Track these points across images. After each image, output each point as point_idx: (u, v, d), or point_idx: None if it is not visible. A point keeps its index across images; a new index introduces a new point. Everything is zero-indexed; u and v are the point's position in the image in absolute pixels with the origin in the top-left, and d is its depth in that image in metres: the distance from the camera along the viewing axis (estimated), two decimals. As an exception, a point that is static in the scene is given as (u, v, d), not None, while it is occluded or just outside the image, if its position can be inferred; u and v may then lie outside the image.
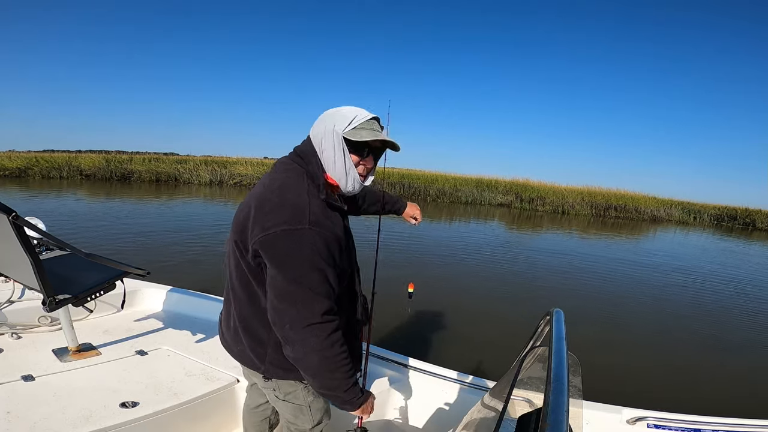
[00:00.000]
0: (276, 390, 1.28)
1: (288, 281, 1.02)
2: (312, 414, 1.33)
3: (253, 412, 1.55)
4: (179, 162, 21.83)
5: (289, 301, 1.02)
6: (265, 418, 1.55)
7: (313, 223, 1.02)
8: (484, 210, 19.53)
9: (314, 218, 1.03)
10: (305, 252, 1.01)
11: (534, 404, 0.86)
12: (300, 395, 1.28)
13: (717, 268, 10.11)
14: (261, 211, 1.06)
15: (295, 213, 1.02)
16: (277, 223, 1.02)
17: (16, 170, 18.11)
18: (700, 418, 1.60)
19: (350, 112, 1.11)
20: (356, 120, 1.09)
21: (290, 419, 1.35)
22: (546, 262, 8.88)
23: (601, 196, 22.21)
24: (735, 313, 6.42)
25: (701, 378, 4.08)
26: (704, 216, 24.17)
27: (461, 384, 1.93)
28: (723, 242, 16.71)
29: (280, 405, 1.33)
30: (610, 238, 13.88)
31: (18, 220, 1.50)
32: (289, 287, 1.02)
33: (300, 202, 1.05)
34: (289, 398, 1.29)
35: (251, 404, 1.55)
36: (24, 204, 10.81)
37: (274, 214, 1.03)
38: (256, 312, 1.17)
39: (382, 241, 1.79)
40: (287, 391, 1.27)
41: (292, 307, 1.02)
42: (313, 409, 1.32)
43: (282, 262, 1.02)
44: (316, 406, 1.33)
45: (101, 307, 2.27)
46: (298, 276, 1.01)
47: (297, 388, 1.27)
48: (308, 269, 1.01)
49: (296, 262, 1.01)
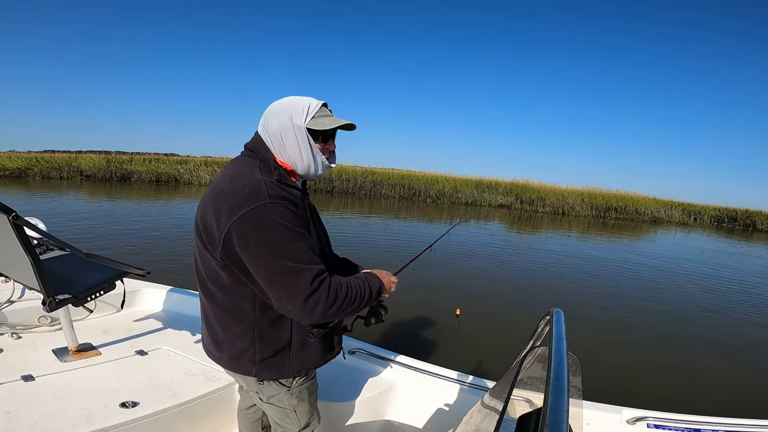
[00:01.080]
0: (259, 393, 1.26)
1: (268, 261, 1.00)
2: (298, 417, 1.31)
3: (245, 413, 1.54)
4: (179, 162, 21.86)
5: (278, 282, 1.01)
6: (257, 419, 1.54)
7: (272, 197, 1.03)
8: (484, 211, 19.53)
9: (272, 193, 1.04)
10: (273, 225, 1.01)
11: (534, 404, 0.86)
12: (283, 398, 1.26)
13: (718, 269, 10.12)
14: (220, 205, 1.05)
15: (252, 193, 1.03)
16: (237, 208, 1.01)
17: (16, 170, 18.16)
18: (700, 418, 1.60)
19: (300, 102, 1.14)
20: (311, 109, 1.13)
21: (277, 422, 1.34)
22: (546, 262, 8.88)
23: (601, 198, 22.25)
24: (735, 313, 6.42)
25: (701, 378, 4.08)
26: (704, 217, 24.21)
27: (461, 384, 1.93)
28: (723, 244, 16.71)
29: (265, 407, 1.32)
30: (610, 239, 13.89)
31: (18, 220, 1.50)
32: (271, 267, 1.00)
33: (254, 184, 1.05)
34: (272, 401, 1.27)
35: (243, 406, 1.54)
36: (24, 204, 10.82)
37: (233, 202, 1.03)
38: (235, 311, 1.14)
39: (384, 242, 1.78)
40: (270, 394, 1.25)
41: (283, 288, 1.01)
42: (298, 413, 1.31)
43: (255, 244, 1.00)
44: (302, 409, 1.31)
45: (101, 307, 2.27)
46: (276, 251, 1.00)
47: (279, 391, 1.24)
48: (282, 241, 1.01)
49: (268, 238, 1.00)
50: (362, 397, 1.85)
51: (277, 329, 1.16)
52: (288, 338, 1.18)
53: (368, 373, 2.02)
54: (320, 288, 1.02)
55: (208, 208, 1.08)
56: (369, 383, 1.94)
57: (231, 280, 1.10)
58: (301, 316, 1.04)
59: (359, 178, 22.06)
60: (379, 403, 1.91)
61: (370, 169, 24.36)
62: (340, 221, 12.10)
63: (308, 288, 1.00)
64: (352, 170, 23.00)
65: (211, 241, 1.07)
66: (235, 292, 1.12)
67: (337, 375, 1.97)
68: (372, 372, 2.03)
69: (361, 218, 13.16)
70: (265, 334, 1.15)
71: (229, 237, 1.02)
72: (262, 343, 1.16)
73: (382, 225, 12.10)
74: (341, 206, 16.40)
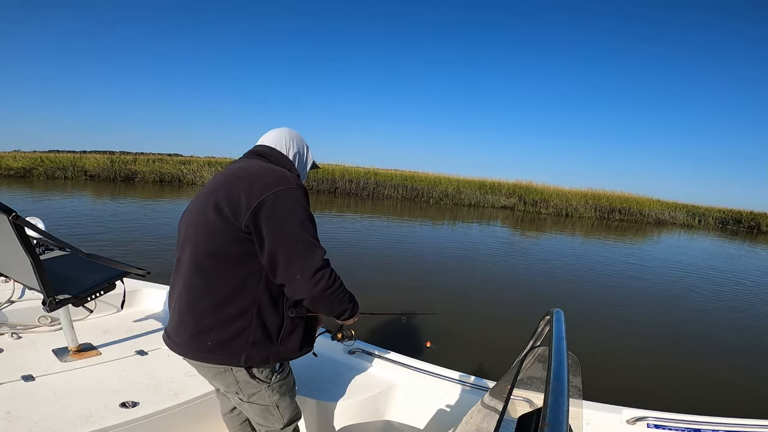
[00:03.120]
0: (239, 393, 1.25)
1: (293, 231, 1.12)
2: (281, 413, 1.31)
3: (230, 417, 1.51)
4: (183, 163, 21.90)
5: (297, 250, 1.11)
6: (244, 420, 1.50)
7: (299, 185, 1.21)
8: (487, 212, 19.52)
9: (298, 182, 1.22)
10: (299, 206, 1.16)
11: (534, 404, 0.86)
12: (265, 395, 1.26)
13: (720, 271, 10.11)
14: (252, 182, 1.16)
15: (284, 178, 1.19)
16: (272, 186, 1.15)
17: (20, 170, 18.27)
18: (700, 418, 1.60)
19: (302, 138, 1.44)
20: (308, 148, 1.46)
21: (259, 422, 1.33)
22: (548, 263, 8.89)
23: (605, 199, 22.21)
24: (736, 314, 6.42)
25: (701, 378, 4.08)
26: (709, 219, 24.14)
27: (461, 384, 1.93)
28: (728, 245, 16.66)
29: (246, 408, 1.31)
30: (613, 241, 13.87)
31: (18, 220, 1.50)
32: (295, 235, 1.12)
33: (284, 173, 1.23)
34: (253, 399, 1.27)
35: (225, 410, 1.51)
36: (28, 203, 10.83)
37: (268, 181, 1.16)
38: (237, 288, 1.15)
39: (387, 244, 1.79)
40: (250, 392, 1.25)
41: (299, 256, 1.11)
42: (281, 408, 1.31)
43: (285, 215, 1.13)
44: (284, 404, 1.31)
45: (101, 307, 2.27)
46: (301, 225, 1.14)
47: (260, 388, 1.25)
48: (306, 219, 1.16)
49: (296, 213, 1.15)
50: (362, 397, 1.85)
51: (276, 308, 1.20)
52: (281, 320, 1.21)
53: (368, 373, 2.02)
54: (329, 267, 1.15)
55: (237, 184, 1.17)
56: (369, 383, 1.94)
57: (241, 252, 1.15)
58: (302, 288, 1.13)
59: (362, 178, 22.04)
60: (379, 403, 1.91)
61: (372, 170, 24.32)
62: (342, 221, 12.10)
63: (320, 262, 1.13)
64: (355, 171, 22.97)
65: (235, 211, 1.13)
66: (242, 266, 1.16)
67: (337, 375, 1.97)
68: (372, 372, 2.03)
69: (364, 219, 13.16)
70: (263, 313, 1.18)
71: (259, 207, 1.12)
72: (258, 321, 1.17)
73: (383, 225, 12.09)
74: (343, 207, 16.40)
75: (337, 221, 12.08)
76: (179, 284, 1.22)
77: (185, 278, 1.20)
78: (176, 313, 1.23)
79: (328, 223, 11.50)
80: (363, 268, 6.73)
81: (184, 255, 1.22)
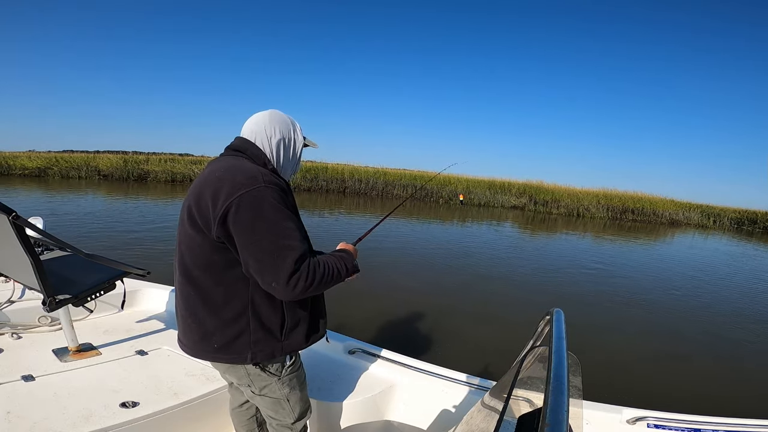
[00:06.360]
0: (251, 386, 1.27)
1: (260, 239, 1.08)
2: (291, 407, 1.32)
3: (238, 411, 1.53)
4: (194, 162, 22.05)
5: (266, 260, 1.07)
6: (252, 416, 1.53)
7: (267, 182, 1.13)
8: (497, 212, 19.40)
9: (267, 179, 1.14)
10: (267, 206, 1.10)
11: (534, 404, 0.85)
12: (275, 388, 1.28)
13: (727, 272, 10.10)
14: (218, 188, 1.11)
15: (249, 178, 1.12)
16: (235, 190, 1.09)
17: (36, 170, 18.50)
18: (700, 418, 1.60)
19: (289, 119, 1.33)
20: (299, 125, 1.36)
21: (271, 414, 1.35)
22: (551, 263, 8.88)
23: (617, 199, 21.90)
24: (736, 314, 6.42)
25: (701, 378, 4.07)
26: (724, 219, 23.80)
27: (461, 384, 1.93)
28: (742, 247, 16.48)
29: (258, 401, 1.33)
30: (625, 241, 13.72)
31: (18, 220, 1.50)
32: (263, 244, 1.08)
33: (251, 171, 1.15)
34: (265, 392, 1.28)
35: (235, 404, 1.53)
36: (41, 203, 10.84)
37: (231, 185, 1.11)
38: (228, 295, 1.16)
39: (389, 245, 1.80)
40: (261, 385, 1.27)
41: (269, 266, 1.07)
42: (291, 402, 1.32)
43: (250, 221, 1.08)
44: (295, 398, 1.32)
45: (101, 307, 2.27)
46: (267, 231, 1.08)
47: (271, 381, 1.26)
48: (275, 220, 1.09)
49: (262, 217, 1.09)
50: (362, 397, 1.85)
51: (273, 305, 1.19)
52: (281, 315, 1.21)
53: (368, 373, 2.02)
54: (301, 268, 1.09)
55: (204, 192, 1.13)
56: (369, 383, 1.94)
57: (224, 260, 1.14)
58: (283, 293, 1.10)
59: (371, 178, 22.03)
60: (379, 403, 1.91)
61: (382, 169, 24.25)
62: (351, 220, 12.10)
63: (291, 267, 1.08)
64: (365, 170, 22.93)
65: (205, 221, 1.12)
66: (228, 273, 1.15)
67: (337, 375, 1.97)
68: (372, 372, 2.03)
69: (375, 218, 13.15)
70: (260, 313, 1.18)
71: (225, 214, 1.08)
72: (256, 322, 1.18)
73: (391, 226, 12.08)
74: (353, 207, 16.36)
75: (345, 220, 12.09)
76: (177, 290, 1.26)
77: (180, 286, 1.23)
78: (180, 318, 1.26)
79: (336, 222, 11.56)
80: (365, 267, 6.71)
81: (177, 263, 1.24)
